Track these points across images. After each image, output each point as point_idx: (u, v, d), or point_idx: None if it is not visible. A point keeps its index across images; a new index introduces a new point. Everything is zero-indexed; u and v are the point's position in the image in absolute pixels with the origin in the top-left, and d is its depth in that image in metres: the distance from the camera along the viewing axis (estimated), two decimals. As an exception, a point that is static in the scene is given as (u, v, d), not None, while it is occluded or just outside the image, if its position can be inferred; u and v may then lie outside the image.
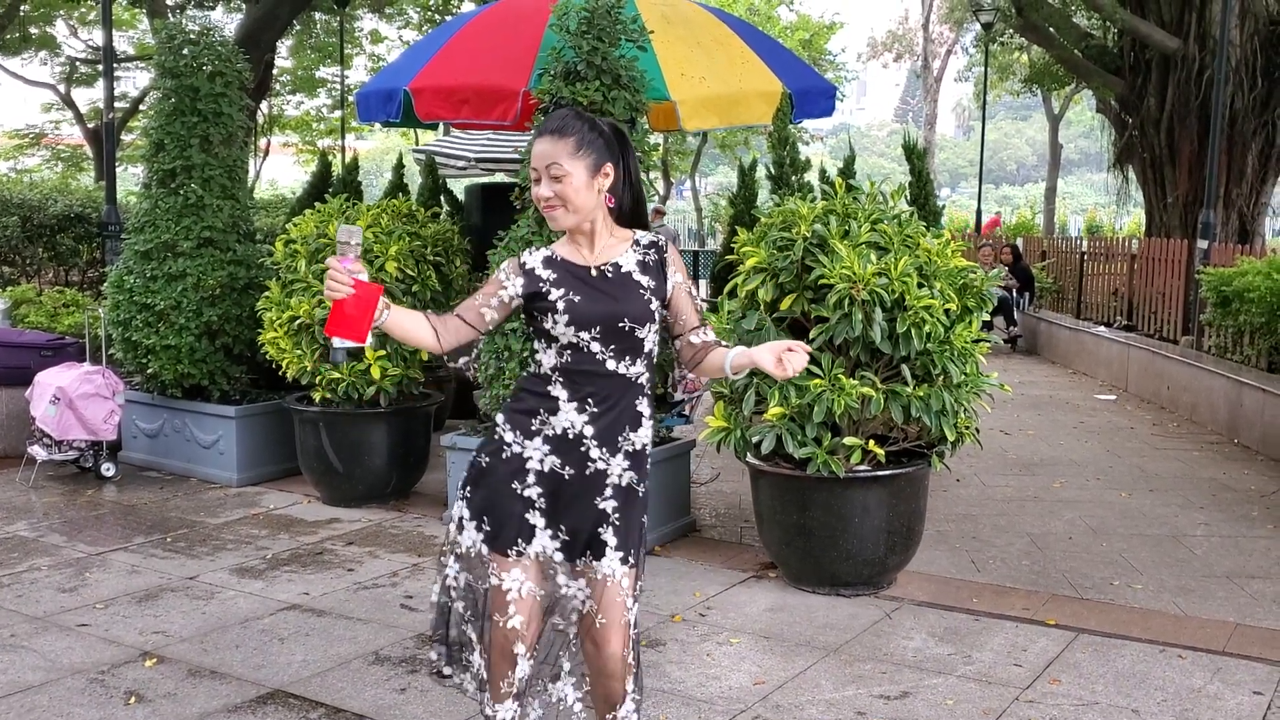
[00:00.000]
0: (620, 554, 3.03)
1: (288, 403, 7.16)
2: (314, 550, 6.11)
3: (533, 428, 3.04)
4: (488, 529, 3.06)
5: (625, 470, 3.04)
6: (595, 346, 2.98)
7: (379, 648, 4.72)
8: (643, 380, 3.06)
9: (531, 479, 3.04)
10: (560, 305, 2.97)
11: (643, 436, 3.08)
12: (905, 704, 4.23)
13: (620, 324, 2.98)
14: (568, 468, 3.02)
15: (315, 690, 4.31)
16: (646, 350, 3.05)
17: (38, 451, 7.35)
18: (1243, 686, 4.39)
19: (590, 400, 3.00)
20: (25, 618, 5.04)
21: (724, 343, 3.15)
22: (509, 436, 3.07)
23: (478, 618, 3.15)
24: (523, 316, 3.10)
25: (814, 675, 4.48)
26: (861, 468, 5.25)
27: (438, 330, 3.07)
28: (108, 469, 7.48)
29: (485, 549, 3.06)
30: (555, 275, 3.02)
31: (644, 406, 3.08)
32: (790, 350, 2.94)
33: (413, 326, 3.05)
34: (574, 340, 2.98)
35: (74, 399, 7.17)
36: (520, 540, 3.03)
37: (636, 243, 3.10)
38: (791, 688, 4.36)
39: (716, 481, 7.65)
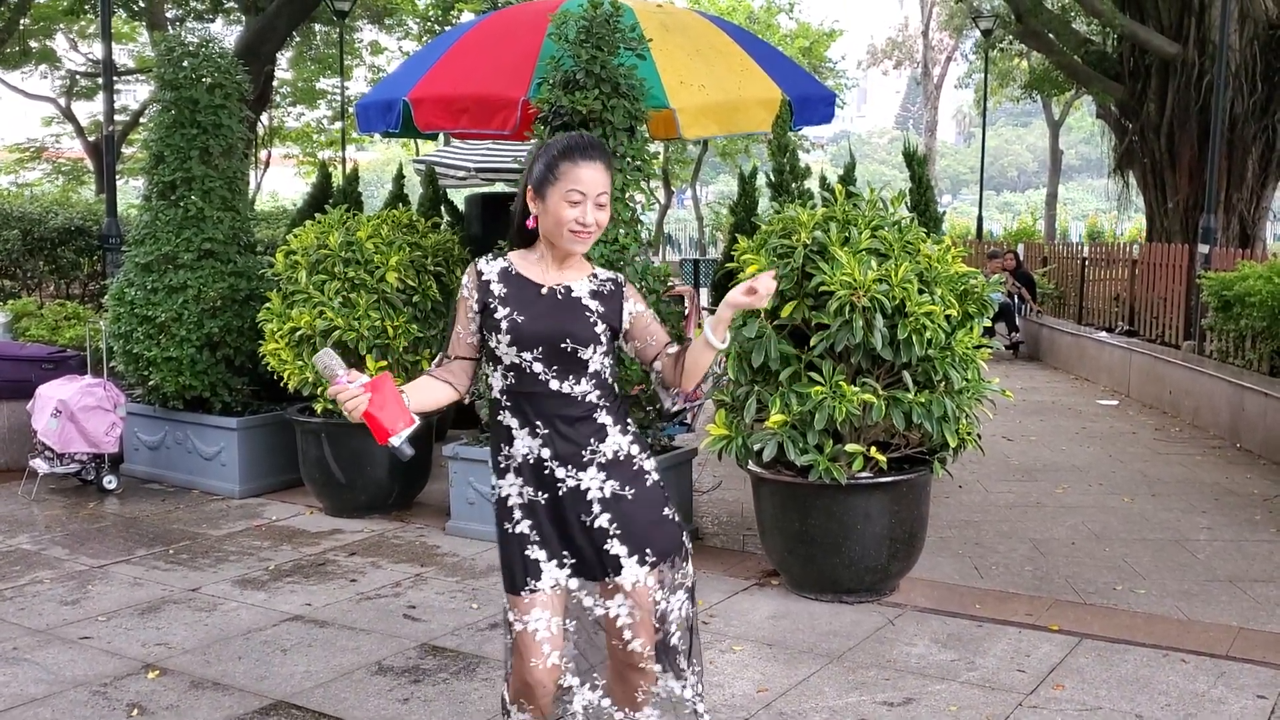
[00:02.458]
0: (635, 557, 3.05)
1: (289, 414, 7.16)
2: (316, 561, 6.10)
3: (501, 465, 3.09)
4: (504, 576, 3.10)
5: (605, 481, 3.05)
6: (538, 367, 3.00)
7: (382, 658, 4.72)
8: (592, 398, 3.05)
9: (518, 514, 3.07)
10: (504, 325, 3.00)
11: (614, 445, 3.07)
12: (909, 710, 4.22)
13: (562, 344, 2.99)
14: (541, 494, 3.05)
15: (318, 701, 4.30)
16: (592, 370, 3.05)
17: (39, 465, 7.34)
18: (1246, 690, 4.38)
19: (539, 423, 3.02)
20: (28, 630, 5.04)
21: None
22: (494, 480, 3.13)
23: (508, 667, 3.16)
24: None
25: (817, 682, 4.47)
26: (863, 474, 5.24)
27: (450, 382, 3.11)
28: (110, 482, 7.48)
29: (507, 596, 3.09)
30: (506, 291, 3.04)
31: (604, 417, 3.07)
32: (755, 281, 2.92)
33: (433, 394, 3.09)
34: (516, 361, 3.01)
35: (75, 412, 7.17)
36: (529, 579, 3.04)
37: (594, 275, 3.12)
38: (795, 695, 4.35)
39: (718, 490, 7.64)
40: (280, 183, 38.65)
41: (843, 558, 5.32)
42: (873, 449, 5.20)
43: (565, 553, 3.05)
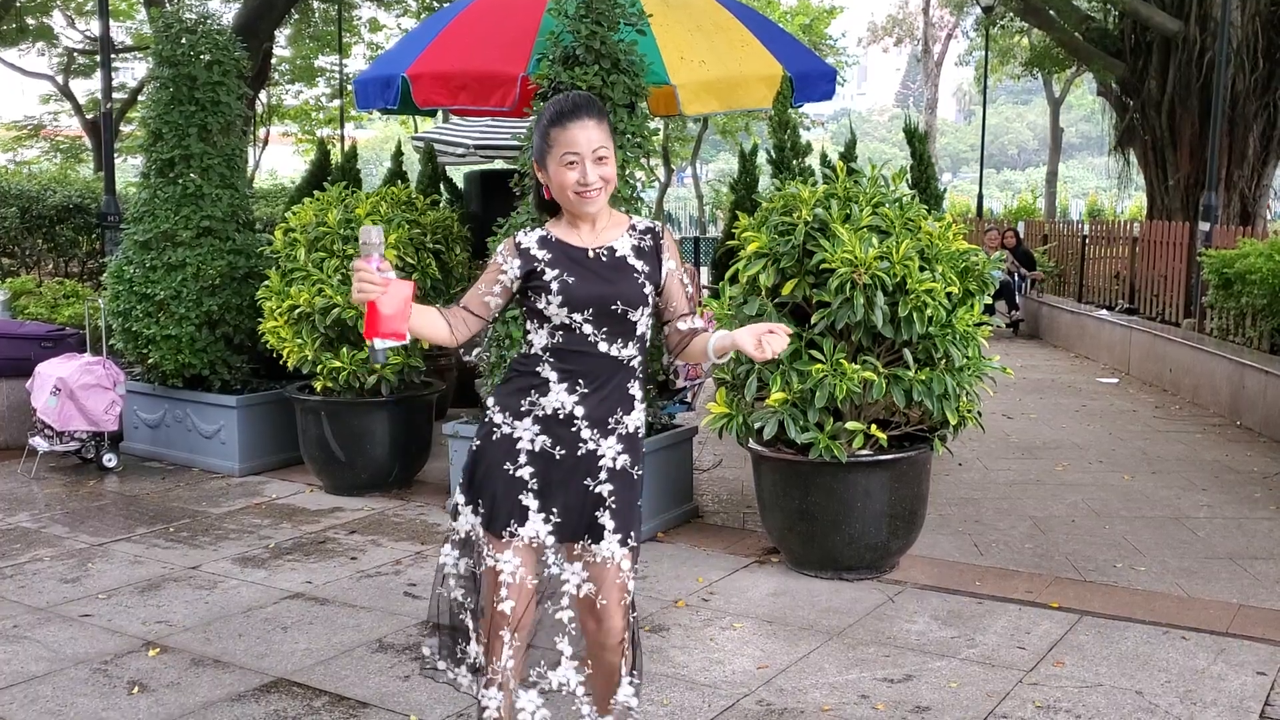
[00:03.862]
0: (619, 536, 3.05)
1: (289, 392, 7.15)
2: (317, 539, 6.10)
3: (522, 408, 3.05)
4: (483, 511, 3.06)
5: (620, 453, 3.05)
6: (587, 328, 2.99)
7: (382, 635, 4.72)
8: (634, 364, 3.06)
9: (523, 459, 3.04)
10: (554, 286, 2.98)
11: (635, 419, 3.09)
12: (909, 687, 4.23)
13: (613, 306, 2.99)
14: (559, 448, 3.03)
15: (318, 678, 4.31)
16: (639, 333, 3.06)
17: (39, 443, 7.34)
18: (1246, 667, 4.39)
19: (581, 381, 3.01)
20: (28, 608, 5.05)
21: (710, 330, 3.16)
22: (499, 418, 3.08)
23: (476, 601, 3.14)
24: (517, 296, 3.10)
25: (817, 659, 4.48)
26: (864, 452, 5.24)
27: (451, 324, 3.07)
28: (109, 460, 7.47)
29: (482, 530, 3.07)
30: (550, 255, 3.02)
31: (635, 389, 3.08)
32: (771, 333, 2.94)
33: (429, 322, 3.04)
34: (566, 321, 2.99)
35: (75, 390, 7.16)
36: (513, 522, 3.03)
37: (633, 228, 3.11)
38: (795, 671, 4.36)
39: (719, 468, 7.64)
40: (279, 160, 38.54)
41: (843, 535, 5.32)
42: (873, 427, 5.19)
43: (555, 510, 3.04)
